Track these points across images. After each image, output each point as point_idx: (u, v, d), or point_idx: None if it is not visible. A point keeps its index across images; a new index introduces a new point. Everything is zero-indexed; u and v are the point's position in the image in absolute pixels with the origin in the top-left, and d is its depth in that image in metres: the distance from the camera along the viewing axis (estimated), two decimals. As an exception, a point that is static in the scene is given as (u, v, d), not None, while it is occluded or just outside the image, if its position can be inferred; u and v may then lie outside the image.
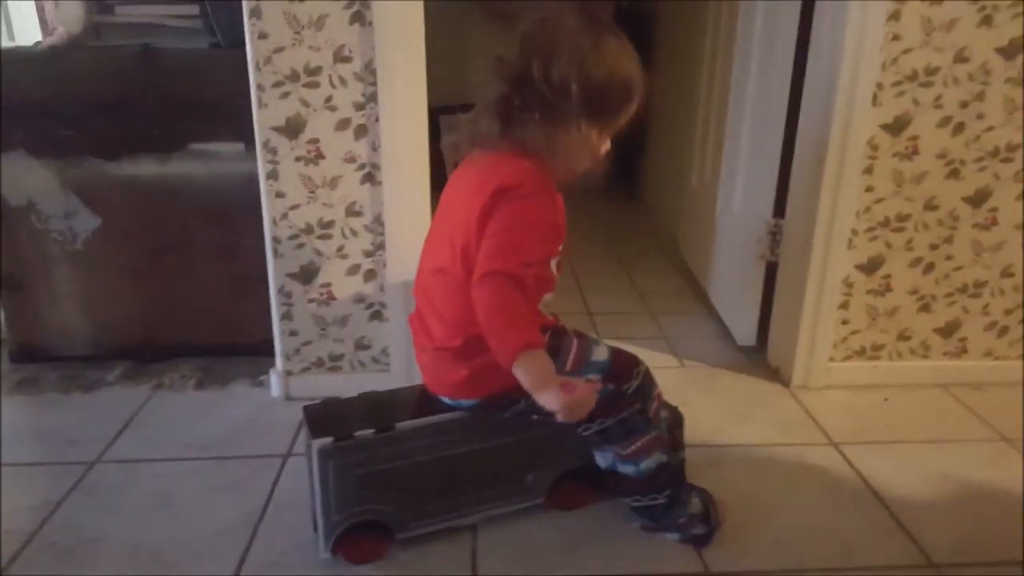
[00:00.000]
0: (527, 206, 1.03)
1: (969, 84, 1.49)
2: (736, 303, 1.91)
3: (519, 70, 1.03)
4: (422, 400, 1.19)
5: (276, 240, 1.52)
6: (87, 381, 1.69)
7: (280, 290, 1.55)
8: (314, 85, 1.42)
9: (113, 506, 1.28)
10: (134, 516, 1.25)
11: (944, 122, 1.51)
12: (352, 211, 1.50)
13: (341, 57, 1.41)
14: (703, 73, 2.23)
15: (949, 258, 1.61)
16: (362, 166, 1.48)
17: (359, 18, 1.39)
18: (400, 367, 1.61)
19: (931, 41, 1.46)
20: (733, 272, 1.93)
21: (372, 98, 1.43)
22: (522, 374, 0.98)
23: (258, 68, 1.41)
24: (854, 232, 1.57)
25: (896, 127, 1.51)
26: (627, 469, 1.17)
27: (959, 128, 1.52)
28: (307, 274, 1.54)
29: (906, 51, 1.47)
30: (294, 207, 1.49)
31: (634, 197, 3.31)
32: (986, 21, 1.45)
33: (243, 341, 1.74)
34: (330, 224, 1.51)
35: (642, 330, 2.00)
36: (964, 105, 1.50)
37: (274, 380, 1.62)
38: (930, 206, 1.57)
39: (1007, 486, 1.36)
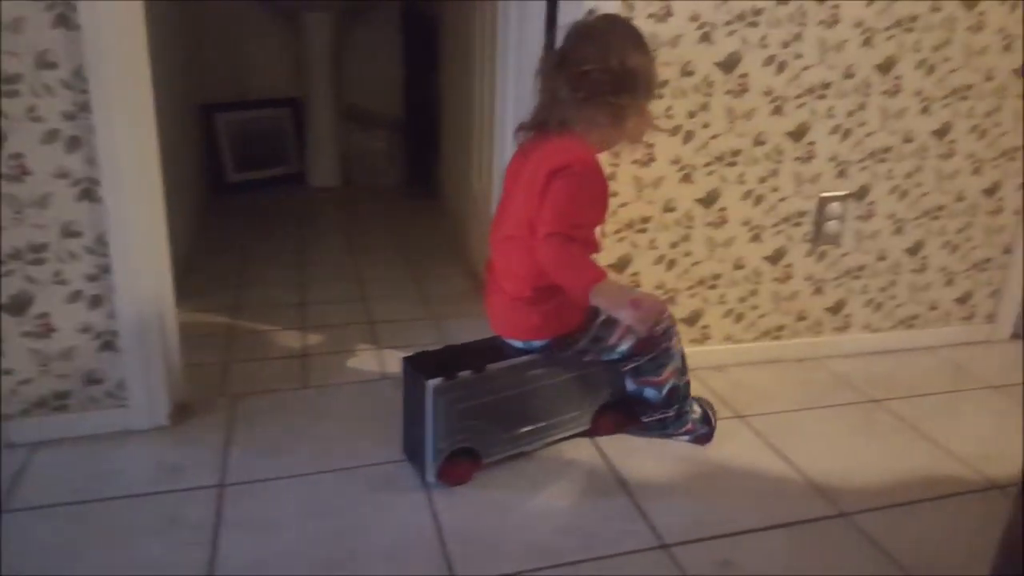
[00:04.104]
0: (573, 182, 1.38)
1: (695, 95, 1.72)
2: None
3: (600, 65, 1.36)
4: (495, 347, 1.53)
5: (-23, 268, 1.42)
6: None
7: (-13, 324, 1.46)
8: (13, 94, 1.35)
9: None
10: None
11: (676, 131, 1.73)
12: (68, 232, 1.45)
13: (44, 63, 1.35)
14: (476, 75, 2.34)
15: (688, 255, 1.85)
16: (77, 182, 1.43)
17: (64, 21, 1.34)
18: (140, 401, 1.58)
19: (658, 56, 1.66)
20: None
21: (85, 107, 1.38)
22: (599, 303, 1.38)
23: (-59, 75, 1.31)
24: (603, 234, 1.75)
25: (634, 136, 1.71)
26: (651, 393, 1.58)
27: (689, 136, 1.75)
28: (19, 305, 1.46)
29: (638, 63, 1.66)
30: (-3, 230, 1.41)
31: (431, 197, 3.37)
32: (705, 38, 1.68)
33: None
34: (43, 247, 1.45)
35: (422, 336, 2.07)
36: (692, 115, 1.74)
37: (-12, 425, 1.52)
38: (668, 208, 1.80)
39: (737, 461, 1.61)
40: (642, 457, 1.60)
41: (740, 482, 1.55)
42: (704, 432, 1.65)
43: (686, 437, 1.64)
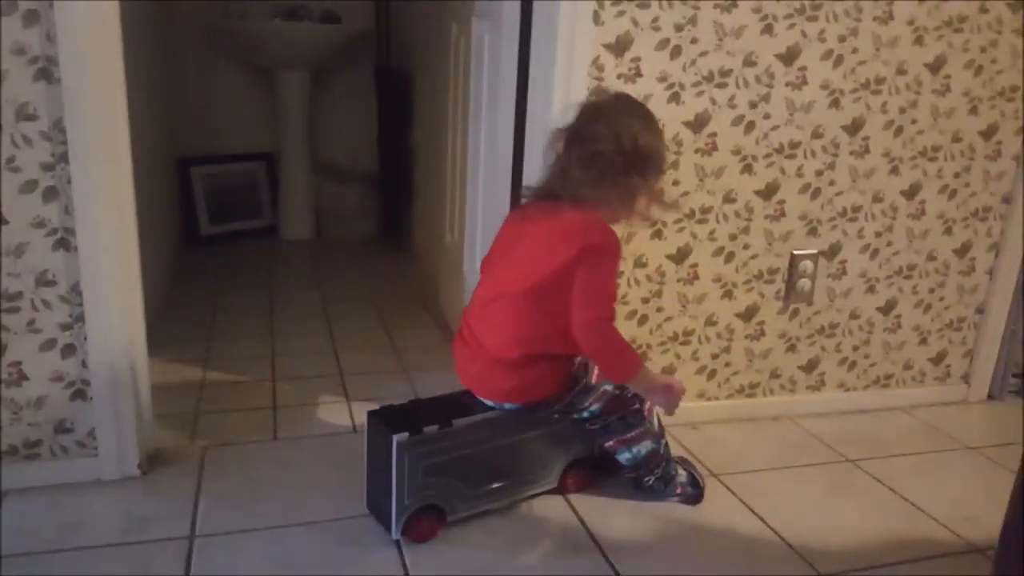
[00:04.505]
0: (607, 260, 1.45)
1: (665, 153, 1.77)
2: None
3: (612, 146, 1.42)
4: (463, 401, 1.54)
5: (-50, 315, 1.45)
6: None
7: (-42, 371, 1.48)
8: (-7, 145, 1.40)
9: None
10: None
11: (646, 187, 1.78)
12: (43, 280, 1.48)
13: (25, 115, 1.40)
14: (448, 131, 2.42)
15: (660, 310, 1.89)
16: (53, 231, 1.47)
17: (45, 75, 1.39)
18: (109, 451, 1.59)
19: (630, 114, 1.72)
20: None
21: (63, 158, 1.43)
22: (635, 387, 1.52)
23: (-78, 125, 1.36)
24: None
25: (604, 191, 1.75)
26: (625, 455, 1.60)
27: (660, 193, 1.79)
28: (-9, 352, 1.49)
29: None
30: (-28, 278, 1.45)
31: (404, 250, 3.45)
32: (674, 98, 1.75)
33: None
34: (17, 296, 1.48)
35: (393, 389, 2.09)
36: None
37: (-44, 473, 1.53)
38: (639, 263, 1.84)
39: (712, 521, 1.60)
40: (616, 515, 1.60)
41: (716, 543, 1.54)
42: (694, 493, 1.66)
43: (676, 499, 1.66)
